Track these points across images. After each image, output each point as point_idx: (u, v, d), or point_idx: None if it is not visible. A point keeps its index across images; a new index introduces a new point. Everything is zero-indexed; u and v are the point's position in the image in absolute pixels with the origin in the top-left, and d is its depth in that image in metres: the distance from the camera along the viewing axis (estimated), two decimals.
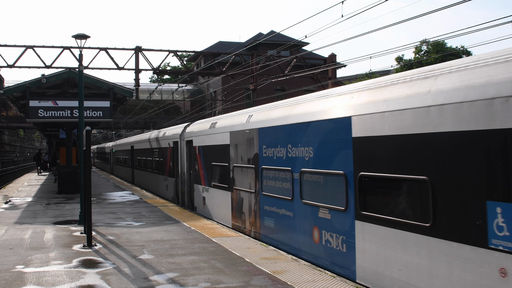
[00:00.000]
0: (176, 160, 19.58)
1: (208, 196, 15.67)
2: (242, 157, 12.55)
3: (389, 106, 7.09)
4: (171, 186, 21.01)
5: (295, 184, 9.76)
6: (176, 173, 19.73)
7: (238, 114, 13.69)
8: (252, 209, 11.94)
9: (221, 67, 32.31)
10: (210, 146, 15.18)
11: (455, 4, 12.64)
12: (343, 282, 7.59)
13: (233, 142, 13.17)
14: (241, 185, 12.72)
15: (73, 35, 14.94)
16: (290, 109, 10.28)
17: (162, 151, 22.54)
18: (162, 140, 22.56)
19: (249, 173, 12.09)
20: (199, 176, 16.44)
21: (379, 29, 15.28)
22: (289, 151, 10.00)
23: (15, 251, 10.13)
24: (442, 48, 45.55)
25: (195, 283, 7.59)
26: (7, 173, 50.64)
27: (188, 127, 18.40)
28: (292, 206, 9.89)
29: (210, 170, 15.24)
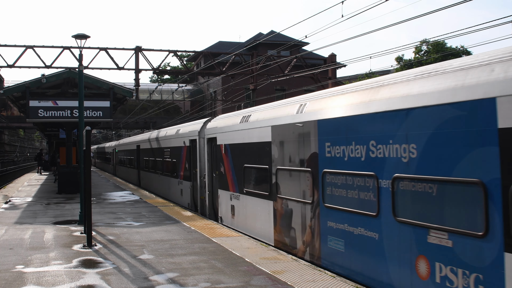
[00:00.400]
0: (194, 161, 17.48)
1: (238, 205, 13.04)
2: (292, 158, 10.06)
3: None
4: (186, 191, 18.69)
5: (382, 195, 7.23)
6: (194, 176, 17.64)
7: (283, 104, 11.16)
8: (308, 224, 9.41)
9: (221, 67, 32.30)
10: (242, 144, 12.71)
11: (455, 4, 12.65)
12: (343, 282, 7.59)
13: (277, 139, 10.69)
14: (289, 193, 10.20)
15: (73, 35, 14.95)
16: (370, 93, 7.80)
17: (175, 151, 20.29)
18: (175, 138, 20.41)
19: (303, 178, 9.60)
20: (226, 180, 13.88)
21: (379, 29, 15.29)
22: (371, 149, 7.48)
23: (15, 251, 10.14)
24: (442, 48, 45.54)
25: (195, 283, 7.60)
26: (7, 173, 50.64)
27: (210, 122, 16.02)
28: (378, 225, 7.36)
29: (242, 173, 12.65)
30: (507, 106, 5.33)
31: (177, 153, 20.03)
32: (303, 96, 10.48)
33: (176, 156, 20.17)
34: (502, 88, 5.41)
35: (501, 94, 5.42)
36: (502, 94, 5.40)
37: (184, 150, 18.87)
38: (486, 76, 5.71)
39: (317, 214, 9.06)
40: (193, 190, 17.75)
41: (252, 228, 12.22)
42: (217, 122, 15.20)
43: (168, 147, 21.81)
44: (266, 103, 12.79)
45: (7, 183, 34.32)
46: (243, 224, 12.81)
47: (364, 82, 8.39)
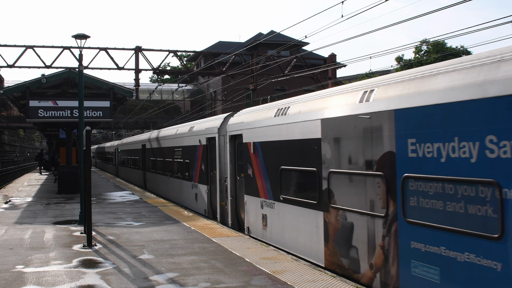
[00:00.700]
0: (212, 162, 15.66)
1: (273, 214, 11.00)
2: (352, 159, 8.06)
3: None
4: (202, 196, 16.68)
5: (509, 210, 5.42)
6: (211, 179, 15.81)
7: (335, 92, 9.05)
8: (378, 243, 7.34)
9: (221, 67, 32.31)
10: (278, 142, 10.64)
11: (455, 4, 12.65)
12: (343, 282, 7.59)
13: (329, 135, 8.66)
14: (348, 202, 8.17)
15: (73, 35, 14.95)
16: (483, 71, 5.86)
17: (189, 150, 18.24)
18: (188, 137, 18.33)
19: (370, 184, 7.56)
20: (255, 184, 11.90)
21: (379, 29, 15.30)
22: (489, 148, 5.62)
23: (15, 251, 10.14)
24: (442, 48, 45.55)
25: (195, 283, 7.60)
26: (7, 173, 50.64)
27: (232, 117, 14.07)
28: (501, 251, 5.52)
29: (278, 176, 10.66)
30: None
31: (190, 152, 18.02)
32: (364, 82, 8.42)
33: (190, 156, 18.15)
34: None
35: None
36: None
37: (199, 150, 16.90)
38: None
39: (394, 232, 7.04)
40: (211, 195, 15.90)
41: (292, 243, 10.10)
42: (242, 117, 13.11)
43: (179, 146, 19.76)
44: (306, 94, 10.97)
45: (7, 183, 34.32)
46: (279, 237, 10.72)
47: (465, 59, 6.40)
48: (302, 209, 9.66)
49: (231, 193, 13.90)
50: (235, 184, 13.77)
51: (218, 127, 14.93)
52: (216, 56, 36.25)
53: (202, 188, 16.66)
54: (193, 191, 17.80)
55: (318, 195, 9.03)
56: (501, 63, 5.72)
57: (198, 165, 17.05)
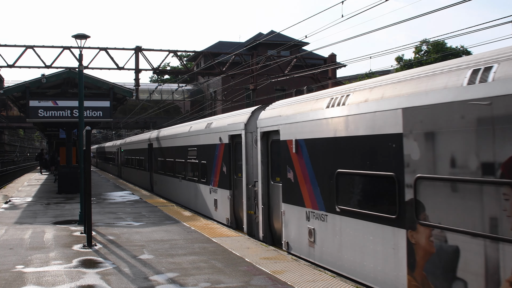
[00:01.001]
0: (236, 163, 13.92)
1: (324, 229, 8.92)
2: (458, 161, 6.11)
3: None
4: (224, 202, 14.58)
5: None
6: (235, 183, 14.00)
7: (422, 73, 7.06)
8: (505, 279, 5.48)
9: (221, 67, 32.31)
10: (333, 139, 8.60)
11: (455, 4, 12.65)
12: (343, 282, 7.59)
13: (417, 129, 6.69)
14: (450, 219, 6.17)
15: (73, 35, 14.95)
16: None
17: (206, 150, 16.14)
18: (205, 134, 16.29)
19: (490, 195, 5.68)
20: (298, 191, 9.81)
21: (379, 29, 15.29)
22: None
23: (15, 251, 10.13)
24: (442, 48, 45.56)
25: (195, 283, 7.60)
26: (7, 173, 50.65)
27: (264, 111, 12.00)
28: None
29: (332, 182, 8.58)
30: None
31: (208, 152, 15.93)
32: (464, 60, 6.55)
33: (207, 157, 16.06)
34: None
35: None
36: None
37: (219, 149, 14.90)
38: None
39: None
40: (235, 201, 13.96)
41: (354, 267, 8.03)
42: (279, 110, 11.04)
43: (194, 145, 17.65)
44: (368, 79, 9.25)
45: (7, 183, 34.32)
46: (334, 258, 8.61)
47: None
48: (371, 225, 7.54)
49: (262, 200, 11.75)
50: (267, 190, 11.71)
51: (244, 122, 12.95)
52: (216, 56, 36.26)
53: (223, 193, 14.57)
54: (212, 196, 15.69)
55: (397, 208, 6.97)
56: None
57: (218, 167, 15.00)
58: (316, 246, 9.21)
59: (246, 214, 12.90)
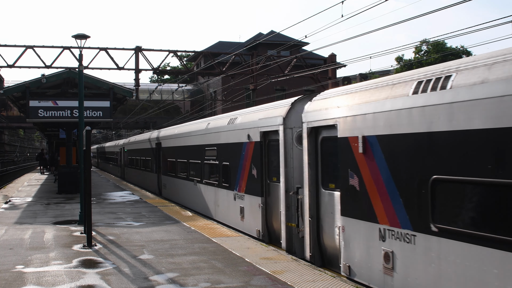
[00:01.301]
0: (269, 165, 11.87)
1: (411, 253, 6.84)
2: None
3: None
4: (253, 211, 12.39)
5: None
6: (268, 189, 11.88)
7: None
8: None
9: (221, 67, 32.31)
10: (427, 135, 6.61)
11: (455, 4, 12.64)
12: (343, 282, 7.59)
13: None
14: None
15: (73, 35, 14.95)
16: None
17: (229, 149, 14.11)
18: (228, 131, 14.21)
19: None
20: (366, 201, 7.74)
21: (379, 29, 15.28)
22: None
23: (15, 251, 10.14)
24: (442, 48, 45.59)
25: (195, 283, 7.60)
26: (7, 173, 50.65)
27: (311, 102, 9.78)
28: None
29: (425, 192, 6.57)
30: None
31: (232, 152, 13.86)
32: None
33: (230, 157, 13.97)
34: None
35: None
36: None
37: (247, 148, 12.78)
38: None
39: None
40: (268, 210, 11.81)
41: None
42: (334, 100, 8.90)
43: (213, 144, 15.54)
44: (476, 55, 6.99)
45: (7, 183, 34.32)
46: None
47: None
48: (496, 253, 5.51)
49: (310, 211, 9.53)
50: (316, 199, 9.52)
51: (283, 116, 10.86)
52: (216, 56, 36.26)
53: (253, 200, 12.36)
54: (237, 204, 13.47)
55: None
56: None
57: (246, 169, 12.85)
58: (396, 275, 7.08)
59: (285, 226, 10.66)
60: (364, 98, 8.02)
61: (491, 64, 5.96)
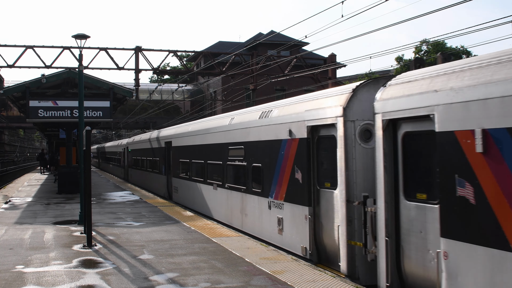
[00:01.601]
0: (320, 167, 9.67)
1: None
2: None
3: None
4: (296, 223, 10.15)
5: None
6: (317, 197, 9.61)
7: None
8: None
9: (221, 67, 32.32)
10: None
11: (455, 4, 12.65)
12: (343, 282, 7.59)
13: None
14: None
15: (73, 35, 14.95)
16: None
17: (262, 148, 11.88)
18: (260, 127, 11.95)
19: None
20: (492, 220, 5.65)
21: (379, 29, 15.29)
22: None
23: (15, 251, 10.14)
24: (442, 48, 45.60)
25: (195, 283, 7.60)
26: (7, 173, 50.67)
27: (386, 88, 7.74)
28: None
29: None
30: None
31: (266, 151, 11.66)
32: None
33: (264, 157, 11.78)
34: None
35: None
36: None
37: (288, 147, 10.49)
38: None
39: None
40: (317, 223, 9.61)
41: None
42: (426, 82, 6.84)
43: (239, 142, 13.32)
44: None
45: (7, 183, 34.33)
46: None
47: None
48: None
49: (387, 229, 7.48)
50: (394, 213, 7.47)
51: (343, 106, 8.65)
52: (216, 56, 36.27)
53: (296, 211, 10.12)
54: (273, 213, 11.23)
55: None
56: None
57: (286, 172, 10.64)
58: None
59: (345, 245, 8.48)
60: (481, 77, 5.97)
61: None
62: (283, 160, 10.79)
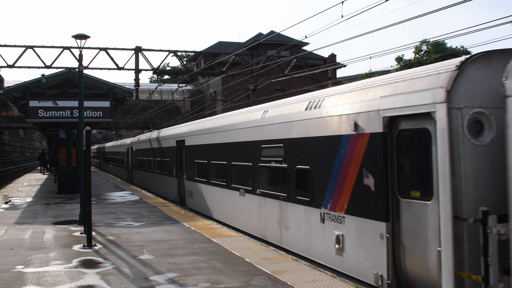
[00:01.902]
0: (402, 170, 7.48)
1: None
2: None
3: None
4: (365, 243, 7.99)
5: None
6: (399, 210, 7.42)
7: None
8: None
9: (221, 67, 32.31)
10: None
11: (455, 4, 12.64)
12: (343, 283, 7.59)
13: None
14: None
15: (73, 35, 14.95)
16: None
17: (310, 147, 9.70)
18: (312, 120, 9.67)
19: None
20: None
21: (379, 29, 15.29)
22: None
23: (15, 251, 10.13)
24: (442, 48, 45.56)
25: (195, 283, 7.59)
26: (7, 173, 50.65)
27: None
28: None
29: None
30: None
31: (318, 150, 9.43)
32: None
33: (315, 158, 9.58)
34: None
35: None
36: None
37: (353, 145, 8.34)
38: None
39: None
40: (397, 245, 7.38)
41: None
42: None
43: (276, 139, 11.11)
44: None
45: (7, 183, 34.32)
46: None
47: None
48: None
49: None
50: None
51: (446, 88, 6.44)
52: (216, 56, 36.26)
53: (366, 226, 7.96)
54: (328, 229, 9.04)
55: None
56: None
57: (348, 177, 8.48)
58: None
59: (452, 277, 6.18)
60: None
61: None
62: (344, 161, 8.61)
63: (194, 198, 17.94)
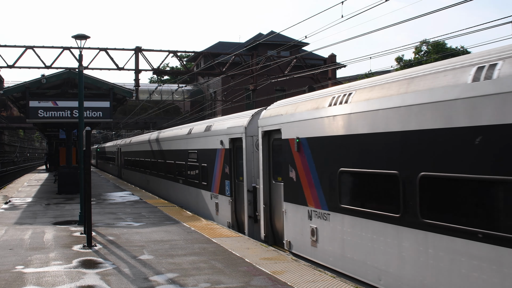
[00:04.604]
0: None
1: None
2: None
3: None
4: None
5: None
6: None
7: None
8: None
9: (221, 68, 32.31)
10: None
11: (455, 4, 12.64)
12: (343, 283, 7.59)
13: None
14: None
15: (73, 35, 14.94)
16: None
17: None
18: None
19: None
20: None
21: (379, 29, 15.29)
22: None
23: (15, 251, 10.13)
24: (442, 48, 45.56)
25: (195, 283, 7.59)
26: (7, 174, 50.67)
27: None
28: None
29: None
30: None
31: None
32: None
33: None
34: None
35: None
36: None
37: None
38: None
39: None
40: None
41: None
42: None
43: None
44: None
45: (7, 184, 34.33)
46: None
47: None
48: None
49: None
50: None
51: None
52: (216, 56, 36.26)
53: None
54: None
55: None
56: None
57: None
58: None
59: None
60: None
61: None
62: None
63: None
